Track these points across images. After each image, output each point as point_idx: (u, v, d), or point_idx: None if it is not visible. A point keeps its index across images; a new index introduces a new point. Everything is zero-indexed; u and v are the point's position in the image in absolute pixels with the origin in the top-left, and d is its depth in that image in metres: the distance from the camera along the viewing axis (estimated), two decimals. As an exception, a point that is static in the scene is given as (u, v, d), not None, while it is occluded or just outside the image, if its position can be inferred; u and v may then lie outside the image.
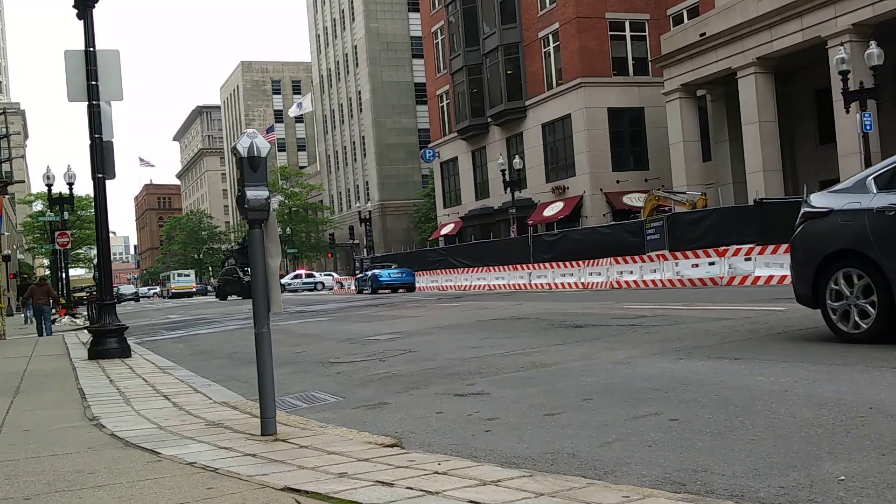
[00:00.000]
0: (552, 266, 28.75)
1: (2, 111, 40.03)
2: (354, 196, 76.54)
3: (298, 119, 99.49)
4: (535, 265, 30.14)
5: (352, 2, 75.29)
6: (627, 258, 24.92)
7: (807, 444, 3.72)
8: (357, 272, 48.61)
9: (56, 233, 31.85)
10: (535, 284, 28.94)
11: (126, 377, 7.89)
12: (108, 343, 10.25)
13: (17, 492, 3.49)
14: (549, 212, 41.62)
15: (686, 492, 3.15)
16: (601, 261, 25.84)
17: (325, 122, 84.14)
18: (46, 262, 72.12)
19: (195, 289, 79.78)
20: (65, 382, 7.74)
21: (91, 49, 10.39)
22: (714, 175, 33.83)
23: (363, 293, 39.53)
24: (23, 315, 28.88)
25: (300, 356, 9.83)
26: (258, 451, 4.01)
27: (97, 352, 10.17)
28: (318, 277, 59.14)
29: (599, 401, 5.26)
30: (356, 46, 74.88)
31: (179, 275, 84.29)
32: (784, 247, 17.88)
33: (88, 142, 10.40)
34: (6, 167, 37.96)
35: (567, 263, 27.86)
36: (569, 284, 26.82)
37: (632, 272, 24.46)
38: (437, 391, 6.20)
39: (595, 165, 39.96)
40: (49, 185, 31.55)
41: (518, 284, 30.04)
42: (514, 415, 5.05)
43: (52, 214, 34.84)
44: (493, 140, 48.08)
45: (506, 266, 31.91)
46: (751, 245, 20.12)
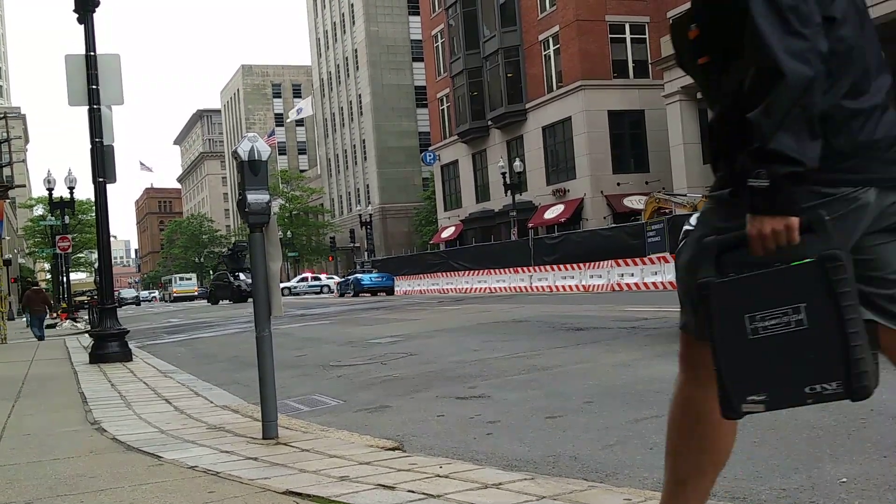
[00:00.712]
0: (553, 269, 28.76)
1: (2, 115, 40.08)
2: (355, 199, 76.56)
3: (299, 122, 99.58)
4: (536, 268, 30.14)
5: (352, 5, 75.35)
6: (628, 260, 24.91)
7: (808, 447, 3.72)
8: (341, 277, 50.12)
9: (57, 237, 31.88)
10: (536, 287, 28.94)
11: (127, 381, 7.90)
12: (110, 347, 10.25)
13: (19, 496, 3.49)
14: (550, 214, 41.63)
15: (688, 494, 3.15)
16: (602, 263, 25.84)
17: (326, 126, 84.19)
18: (47, 266, 72.16)
19: (197, 293, 79.78)
20: (66, 386, 7.74)
21: (91, 53, 10.40)
22: (714, 177, 33.81)
23: (345, 297, 42.31)
24: (24, 319, 28.91)
25: (301, 359, 9.83)
26: (260, 455, 4.01)
27: (98, 356, 10.17)
28: (324, 280, 59.02)
29: (601, 403, 5.26)
30: (356, 50, 74.94)
31: (181, 278, 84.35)
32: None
33: (89, 146, 10.40)
34: (7, 171, 38.01)
35: (568, 266, 27.87)
36: (570, 287, 26.82)
37: (633, 274, 24.47)
38: (439, 394, 6.20)
39: (595, 168, 39.96)
40: (50, 189, 31.59)
41: (519, 287, 30.04)
42: (516, 418, 5.05)
43: (53, 218, 34.88)
44: (494, 143, 48.10)
45: (506, 269, 31.90)
46: (751, 247, 20.08)
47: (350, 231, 68.75)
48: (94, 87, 10.32)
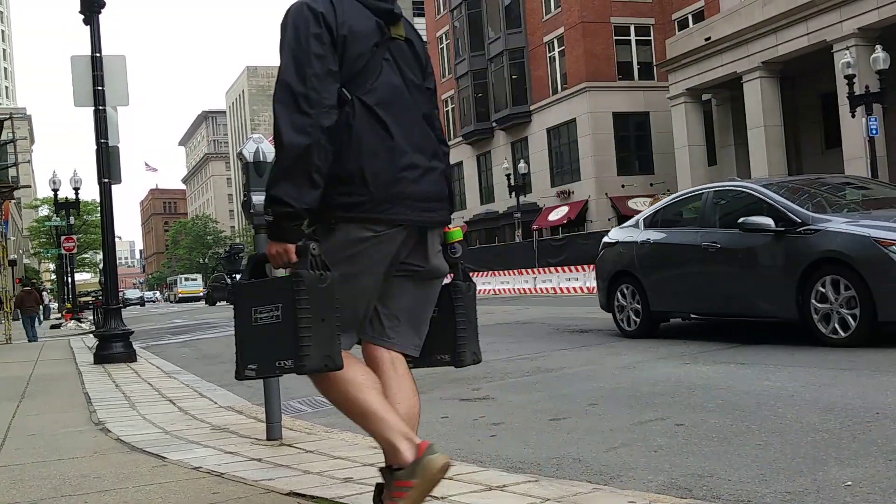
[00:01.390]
0: (557, 270, 28.72)
1: (8, 116, 40.16)
2: (359, 201, 76.54)
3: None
4: (541, 269, 30.10)
5: (357, 7, 75.45)
6: (633, 263, 24.82)
7: (813, 449, 3.71)
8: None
9: (62, 237, 31.93)
10: (541, 289, 28.92)
11: (132, 381, 7.91)
12: (114, 347, 10.26)
13: (24, 496, 3.49)
14: (555, 216, 41.60)
15: (692, 497, 3.14)
16: (606, 265, 25.75)
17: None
18: (52, 267, 72.33)
19: (202, 293, 79.94)
20: (70, 387, 7.76)
21: (97, 54, 10.42)
22: (719, 179, 33.73)
23: None
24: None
25: (305, 361, 9.82)
26: (264, 456, 4.01)
27: (103, 356, 10.17)
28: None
29: (605, 406, 5.25)
30: (361, 51, 74.99)
31: (186, 279, 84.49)
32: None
33: (94, 147, 10.42)
34: (13, 172, 38.09)
35: (572, 268, 27.83)
36: (574, 289, 26.79)
37: (637, 277, 24.39)
38: (443, 396, 6.20)
39: (600, 170, 39.94)
40: (55, 190, 31.64)
41: (523, 289, 30.02)
42: (520, 420, 5.04)
43: (58, 219, 34.93)
44: (498, 145, 48.11)
45: (511, 270, 31.87)
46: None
47: (354, 232, 68.72)
48: (100, 89, 10.34)
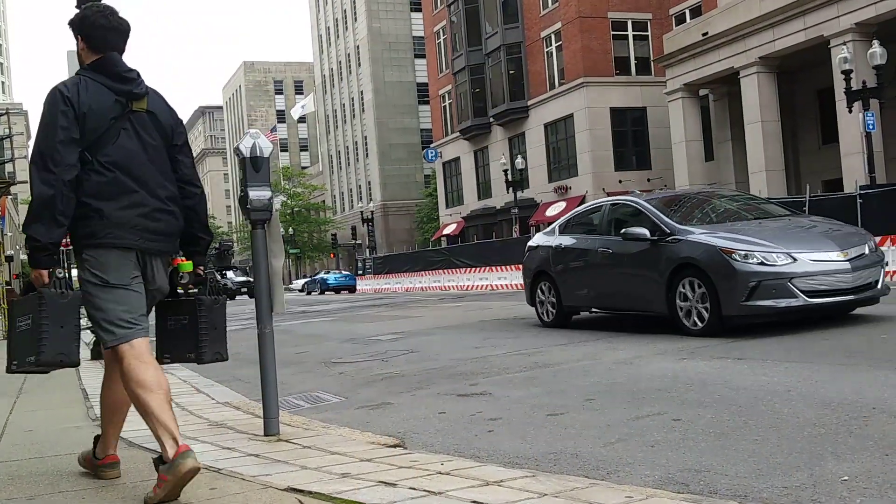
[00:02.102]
0: (554, 266, 28.72)
1: (4, 111, 40.07)
2: (357, 196, 76.55)
3: (300, 119, 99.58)
4: (538, 265, 30.09)
5: (354, 2, 75.28)
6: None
7: (810, 445, 3.72)
8: (308, 276, 53.26)
9: (59, 233, 31.85)
10: (538, 284, 28.90)
11: (129, 377, 7.89)
12: (111, 343, 10.24)
13: (21, 492, 3.49)
14: (552, 212, 41.57)
15: (689, 492, 3.15)
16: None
17: (328, 122, 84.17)
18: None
19: None
20: (68, 383, 7.75)
21: (94, 50, 10.40)
22: (717, 175, 33.80)
23: (312, 294, 48.38)
24: None
25: (303, 356, 9.83)
26: (261, 452, 4.02)
27: (100, 352, 10.14)
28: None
29: (602, 401, 5.26)
30: (358, 46, 74.89)
31: None
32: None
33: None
34: (9, 167, 38.02)
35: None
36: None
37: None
38: (440, 391, 6.21)
39: (597, 165, 39.94)
40: (52, 186, 31.55)
41: (520, 284, 29.96)
42: (517, 415, 5.05)
43: (55, 215, 34.82)
44: (496, 140, 48.08)
45: (508, 266, 31.85)
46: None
47: (352, 228, 68.73)
48: (96, 84, 10.32)
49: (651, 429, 4.31)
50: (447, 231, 53.67)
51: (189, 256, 3.68)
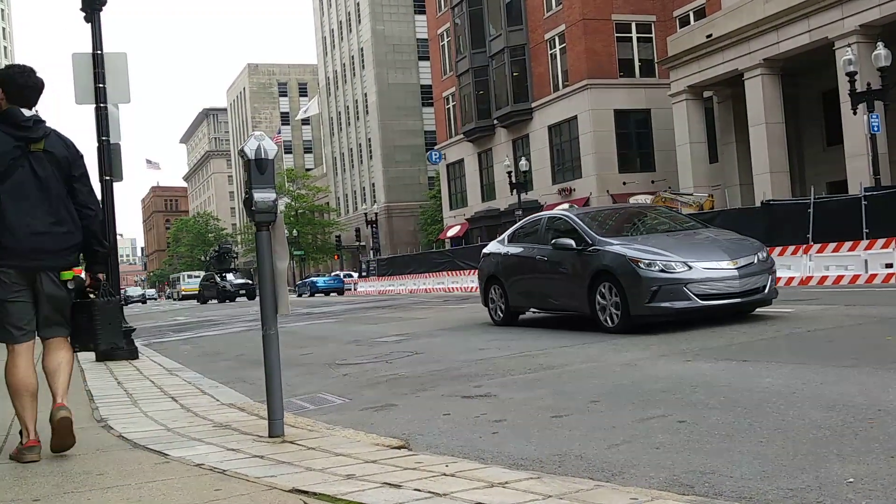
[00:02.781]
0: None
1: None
2: (361, 198, 76.59)
3: (305, 121, 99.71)
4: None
5: (358, 4, 75.36)
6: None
7: (815, 446, 3.72)
8: (299, 279, 54.40)
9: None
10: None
11: (134, 379, 7.91)
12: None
13: (27, 493, 3.50)
14: (556, 214, 41.57)
15: (694, 494, 3.15)
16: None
17: (332, 125, 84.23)
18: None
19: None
20: (73, 384, 7.75)
21: (98, 52, 10.40)
22: (721, 177, 33.75)
23: (302, 296, 49.51)
24: None
25: (307, 358, 9.84)
26: (266, 453, 4.02)
27: (104, 353, 10.17)
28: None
29: (607, 403, 5.25)
30: (362, 49, 74.94)
31: (189, 276, 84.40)
32: (791, 248, 18.03)
33: (96, 144, 10.42)
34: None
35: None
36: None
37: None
38: (444, 393, 6.21)
39: (601, 167, 39.92)
40: (57, 188, 31.62)
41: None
42: (522, 417, 5.04)
43: (60, 217, 34.89)
44: (500, 142, 48.08)
45: (512, 268, 31.82)
46: (757, 246, 20.11)
47: (356, 230, 68.75)
48: (101, 86, 10.32)
49: (656, 431, 4.30)
50: (451, 233, 53.67)
51: (89, 264, 4.52)
